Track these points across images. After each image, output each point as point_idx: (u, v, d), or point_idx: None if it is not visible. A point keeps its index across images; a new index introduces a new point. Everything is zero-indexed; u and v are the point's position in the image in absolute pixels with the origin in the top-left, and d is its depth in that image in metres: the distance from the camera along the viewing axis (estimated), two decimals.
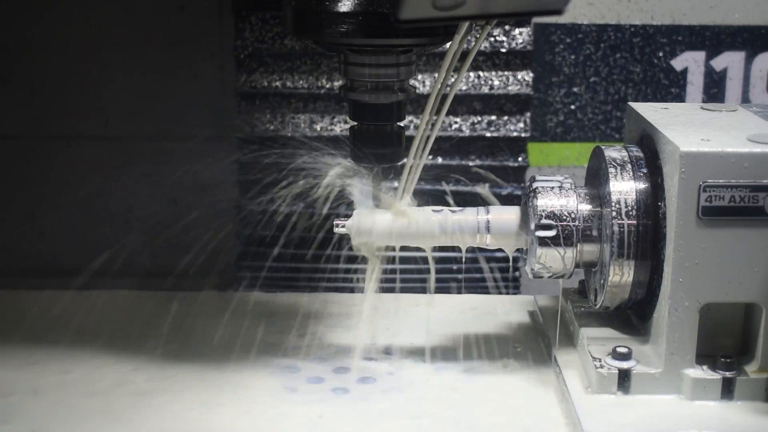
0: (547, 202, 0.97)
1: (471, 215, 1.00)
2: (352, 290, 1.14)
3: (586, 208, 0.98)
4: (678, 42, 1.29)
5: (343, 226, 1.01)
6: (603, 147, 0.99)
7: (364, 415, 0.96)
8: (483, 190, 1.05)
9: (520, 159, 1.27)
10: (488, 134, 1.26)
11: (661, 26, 1.29)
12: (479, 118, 1.26)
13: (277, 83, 1.25)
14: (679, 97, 1.31)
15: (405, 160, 1.01)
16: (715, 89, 1.31)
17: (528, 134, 1.27)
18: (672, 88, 1.31)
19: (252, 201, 1.26)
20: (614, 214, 0.94)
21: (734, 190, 0.89)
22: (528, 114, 1.27)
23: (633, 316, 1.01)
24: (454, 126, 1.26)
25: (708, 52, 1.30)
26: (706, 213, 0.89)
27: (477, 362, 1.05)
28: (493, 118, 1.26)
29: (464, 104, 1.26)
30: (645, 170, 0.95)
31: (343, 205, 1.03)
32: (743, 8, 1.29)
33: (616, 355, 0.94)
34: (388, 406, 0.98)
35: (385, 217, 1.00)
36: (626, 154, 0.97)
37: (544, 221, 0.96)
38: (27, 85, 1.27)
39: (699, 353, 0.93)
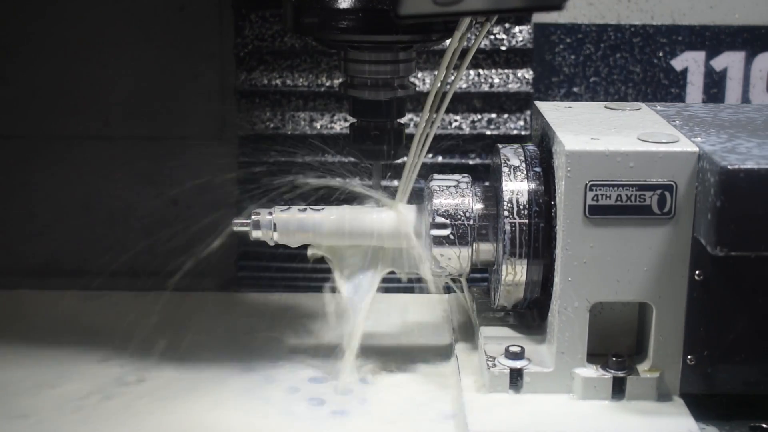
0: (442, 201, 0.97)
1: (368, 213, 1.00)
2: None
3: (481, 206, 0.98)
4: (678, 42, 1.29)
5: (242, 225, 1.01)
6: (500, 146, 0.99)
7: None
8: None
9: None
10: (488, 132, 1.26)
11: (661, 26, 1.29)
12: (479, 116, 1.26)
13: (277, 81, 1.25)
14: (679, 97, 1.31)
15: (405, 158, 1.01)
16: (715, 89, 1.31)
17: (528, 132, 1.27)
18: (672, 88, 1.31)
19: (252, 200, 1.26)
20: (506, 213, 0.94)
21: (621, 188, 0.89)
22: (528, 112, 1.26)
23: (535, 315, 1.00)
24: (454, 124, 1.26)
25: (708, 52, 1.30)
26: (593, 212, 0.89)
27: (379, 361, 1.05)
28: (494, 116, 1.26)
29: (464, 102, 1.26)
30: (538, 169, 0.95)
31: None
32: (743, 8, 1.29)
33: (509, 354, 0.94)
34: (323, 405, 0.99)
35: (280, 215, 1.00)
36: (522, 152, 0.97)
37: (438, 220, 0.96)
38: (27, 85, 1.27)
39: (595, 352, 0.93)
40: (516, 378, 0.93)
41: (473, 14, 0.88)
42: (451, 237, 0.96)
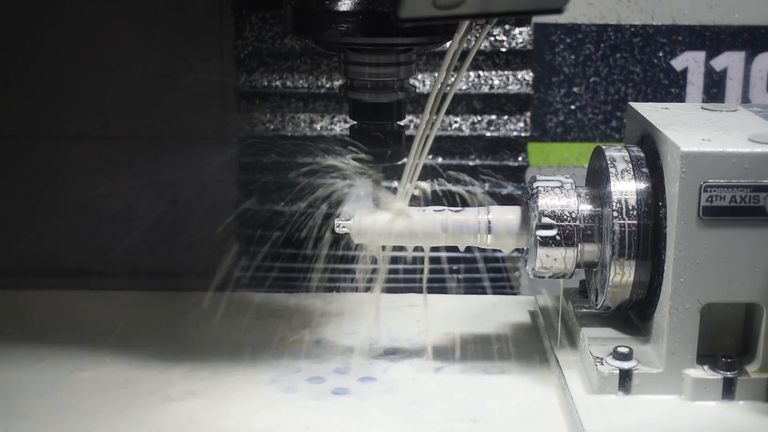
0: (548, 201, 0.97)
1: (472, 215, 1.01)
2: (356, 289, 1.14)
3: (587, 207, 0.98)
4: (678, 42, 1.29)
5: (344, 226, 1.01)
6: (604, 147, 0.99)
7: (363, 416, 0.96)
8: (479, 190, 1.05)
9: (520, 158, 1.27)
10: (488, 134, 1.26)
11: (661, 26, 1.29)
12: (479, 118, 1.26)
13: (277, 83, 1.25)
14: (679, 97, 1.31)
15: (405, 159, 1.01)
16: (715, 89, 1.31)
17: (528, 134, 1.27)
18: (672, 88, 1.31)
19: (252, 200, 1.27)
20: (615, 213, 0.94)
21: (735, 190, 0.89)
22: (528, 113, 1.26)
23: (634, 316, 1.01)
24: (454, 125, 1.26)
25: (708, 52, 1.30)
26: (707, 213, 0.89)
27: (477, 363, 1.05)
28: (493, 117, 1.26)
29: (464, 104, 1.26)
30: (646, 170, 0.95)
31: (344, 204, 1.04)
32: (743, 8, 1.29)
33: (617, 355, 0.94)
34: (388, 406, 0.98)
35: (385, 216, 1.01)
36: (627, 154, 0.97)
37: (544, 221, 0.97)
38: (27, 85, 1.27)
39: (700, 353, 0.92)
40: (625, 379, 0.93)
41: (473, 17, 0.88)
42: (558, 237, 0.97)
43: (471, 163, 1.26)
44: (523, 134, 1.26)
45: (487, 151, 1.27)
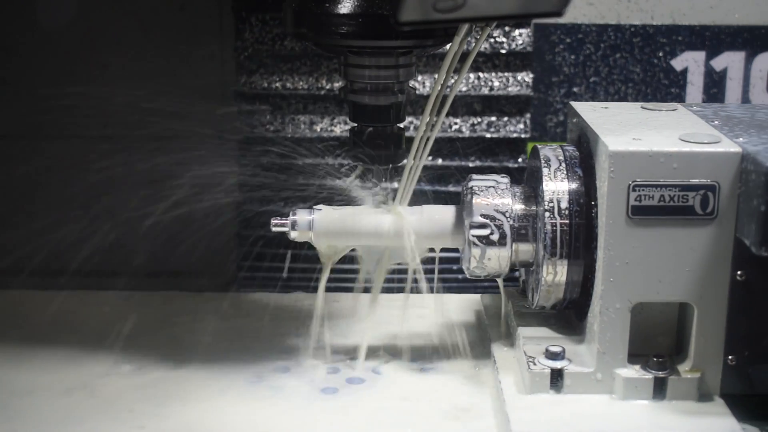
0: (482, 201, 0.97)
1: (405, 214, 1.00)
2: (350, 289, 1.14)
3: (521, 207, 0.98)
4: (678, 42, 1.29)
5: (281, 225, 1.01)
6: (539, 146, 0.99)
7: (296, 417, 0.97)
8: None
9: (519, 160, 1.27)
10: (488, 135, 1.26)
11: (661, 26, 1.29)
12: (479, 119, 1.27)
13: (277, 84, 1.25)
14: (679, 97, 1.31)
15: (405, 161, 1.01)
16: (715, 89, 1.30)
17: (528, 135, 1.27)
18: (672, 88, 1.31)
19: (252, 201, 1.27)
20: (547, 213, 0.94)
21: (664, 189, 0.89)
22: (528, 115, 1.27)
23: (573, 315, 1.00)
24: (454, 127, 1.26)
25: (708, 52, 1.30)
26: (636, 212, 0.89)
27: (417, 361, 1.06)
28: (493, 119, 1.27)
29: (464, 105, 1.26)
30: (579, 170, 0.95)
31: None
32: (743, 8, 1.29)
33: (549, 355, 0.94)
34: (326, 408, 0.99)
35: (319, 215, 1.00)
36: (561, 153, 0.97)
37: (478, 220, 0.97)
38: (27, 85, 1.27)
39: (635, 353, 0.93)
40: (557, 378, 0.93)
41: (472, 21, 0.88)
42: (491, 237, 0.97)
43: (471, 164, 1.27)
44: (522, 136, 1.26)
45: (487, 153, 1.27)
